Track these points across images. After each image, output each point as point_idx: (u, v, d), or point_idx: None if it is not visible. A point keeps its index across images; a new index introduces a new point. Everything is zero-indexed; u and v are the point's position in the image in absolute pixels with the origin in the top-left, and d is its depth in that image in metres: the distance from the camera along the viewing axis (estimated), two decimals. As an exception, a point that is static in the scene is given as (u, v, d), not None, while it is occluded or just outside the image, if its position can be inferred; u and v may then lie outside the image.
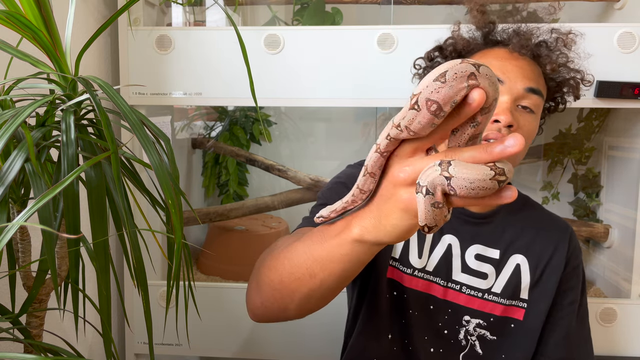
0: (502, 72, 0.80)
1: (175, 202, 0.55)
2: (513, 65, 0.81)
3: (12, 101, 0.64)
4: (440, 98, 0.42)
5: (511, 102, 0.78)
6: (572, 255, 0.88)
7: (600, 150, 1.36)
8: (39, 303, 0.63)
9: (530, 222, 0.89)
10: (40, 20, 0.57)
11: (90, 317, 0.83)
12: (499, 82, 0.79)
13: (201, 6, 1.37)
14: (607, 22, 1.25)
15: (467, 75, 0.41)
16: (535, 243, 0.87)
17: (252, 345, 1.22)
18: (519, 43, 0.83)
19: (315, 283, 0.59)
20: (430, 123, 0.43)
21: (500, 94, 0.79)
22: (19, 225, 0.58)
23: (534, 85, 0.80)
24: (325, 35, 1.11)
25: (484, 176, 0.41)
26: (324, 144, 1.58)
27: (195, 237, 1.56)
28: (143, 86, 1.13)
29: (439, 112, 0.42)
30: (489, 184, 0.42)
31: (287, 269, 0.61)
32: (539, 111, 0.82)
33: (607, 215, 1.32)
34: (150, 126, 0.61)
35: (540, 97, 0.81)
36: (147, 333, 0.61)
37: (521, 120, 0.79)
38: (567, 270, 0.87)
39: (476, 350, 0.85)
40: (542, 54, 0.84)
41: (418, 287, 0.85)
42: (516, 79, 0.79)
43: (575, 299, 0.88)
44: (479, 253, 0.86)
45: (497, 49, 0.85)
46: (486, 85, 0.42)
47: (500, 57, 0.82)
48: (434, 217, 0.45)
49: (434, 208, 0.44)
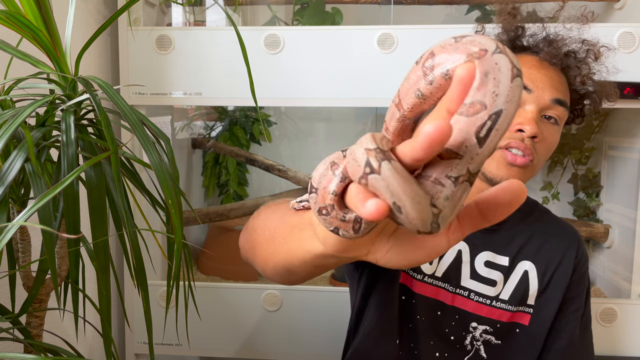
0: (530, 80, 0.78)
1: (175, 202, 0.55)
2: (542, 75, 0.79)
3: (12, 101, 0.64)
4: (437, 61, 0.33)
5: (537, 112, 0.77)
6: (579, 262, 0.87)
7: (600, 150, 1.36)
8: (39, 303, 0.63)
9: (539, 228, 0.88)
10: (40, 20, 0.57)
11: (90, 317, 0.83)
12: (525, 89, 0.77)
13: (201, 6, 1.36)
14: (607, 22, 1.25)
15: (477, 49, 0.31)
16: (544, 249, 0.86)
17: (252, 345, 1.22)
18: (549, 53, 0.81)
19: (272, 247, 0.56)
20: (415, 88, 0.34)
21: (527, 102, 0.77)
22: (19, 225, 0.58)
23: (561, 96, 0.78)
24: (325, 35, 1.11)
25: (365, 142, 0.31)
26: (324, 144, 1.58)
27: (195, 237, 1.56)
28: (143, 86, 1.13)
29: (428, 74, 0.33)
30: (360, 154, 0.31)
31: (264, 220, 0.61)
32: (562, 123, 0.81)
33: (607, 215, 1.32)
34: (150, 126, 0.61)
35: (566, 108, 0.79)
36: (147, 333, 0.61)
37: (545, 132, 0.78)
38: (574, 278, 0.86)
39: (480, 354, 0.85)
40: (571, 65, 0.82)
41: (427, 293, 0.84)
42: (544, 88, 0.77)
43: (580, 306, 0.87)
44: (489, 260, 0.85)
45: (526, 55, 0.83)
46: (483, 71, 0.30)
47: (530, 65, 0.80)
48: (320, 179, 0.36)
49: (329, 169, 0.35)
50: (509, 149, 0.76)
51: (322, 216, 0.36)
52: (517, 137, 0.76)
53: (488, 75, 0.30)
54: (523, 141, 0.75)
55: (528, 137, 0.76)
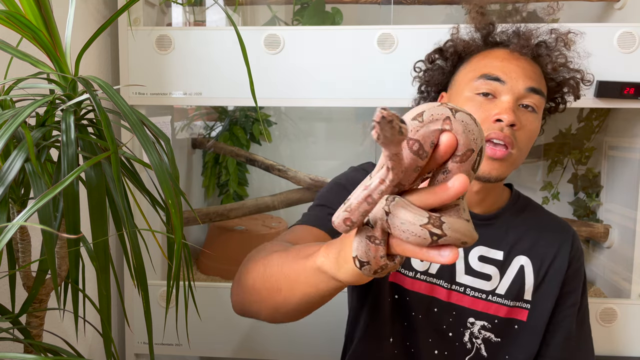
0: (503, 72, 0.80)
1: (175, 202, 0.55)
2: (514, 65, 0.81)
3: (12, 101, 0.64)
4: (420, 137, 0.40)
5: (513, 102, 0.79)
6: (574, 256, 0.88)
7: (600, 150, 1.36)
8: (39, 303, 0.63)
9: (533, 223, 0.89)
10: (40, 20, 0.57)
11: (90, 317, 0.83)
12: (499, 81, 0.80)
13: (201, 6, 1.36)
14: (607, 22, 1.25)
15: (443, 118, 0.41)
16: (539, 245, 0.87)
17: (252, 345, 1.22)
18: (519, 43, 0.83)
19: (280, 298, 0.60)
20: (414, 166, 0.41)
21: (502, 93, 0.79)
22: (19, 225, 0.58)
23: (535, 85, 0.80)
24: (325, 35, 1.11)
25: (415, 219, 0.40)
26: (324, 144, 1.58)
27: (195, 237, 1.56)
28: (143, 86, 1.13)
29: (421, 152, 0.40)
30: (419, 230, 0.39)
31: (261, 277, 0.62)
32: (540, 111, 0.82)
33: (607, 215, 1.32)
34: (150, 126, 0.61)
35: (542, 96, 0.81)
36: (147, 333, 0.61)
37: (523, 120, 0.79)
38: (569, 272, 0.87)
39: (481, 353, 0.85)
40: (542, 54, 0.84)
41: (421, 290, 0.85)
42: (518, 78, 0.80)
43: (576, 300, 0.88)
44: (483, 255, 0.85)
45: (497, 49, 0.85)
46: (459, 130, 0.41)
47: (501, 58, 0.83)
48: (367, 251, 0.44)
49: (369, 242, 0.43)
50: (489, 140, 0.78)
51: (367, 241, 0.44)
52: (497, 128, 0.77)
53: (465, 132, 0.41)
54: (502, 131, 0.77)
55: (507, 126, 0.77)
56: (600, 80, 1.05)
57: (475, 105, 0.80)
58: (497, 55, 0.83)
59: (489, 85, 0.80)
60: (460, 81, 0.86)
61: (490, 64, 0.82)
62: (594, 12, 1.30)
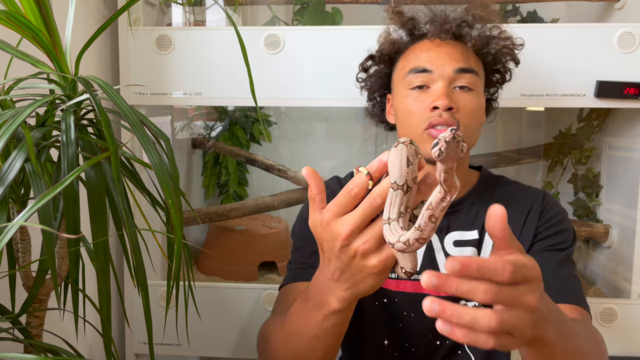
0: (428, 62, 0.83)
1: (175, 202, 0.55)
2: (438, 52, 0.83)
3: (12, 101, 0.64)
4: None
5: (446, 87, 0.81)
6: (544, 210, 0.87)
7: (600, 150, 1.36)
8: (39, 303, 0.63)
9: (501, 196, 0.89)
10: (40, 20, 0.57)
11: (90, 317, 0.83)
12: (427, 72, 0.82)
13: (201, 6, 1.36)
14: (607, 22, 1.25)
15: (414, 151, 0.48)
16: (509, 212, 0.86)
17: (252, 345, 1.21)
18: (436, 30, 0.85)
19: (319, 353, 0.65)
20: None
21: (433, 82, 0.82)
22: (19, 225, 0.58)
23: (463, 65, 0.82)
24: (325, 35, 1.11)
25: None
26: (324, 144, 1.58)
27: (195, 237, 1.56)
28: (143, 86, 1.13)
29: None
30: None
31: (292, 356, 0.68)
32: (478, 87, 0.84)
33: (607, 215, 1.32)
34: (150, 126, 0.61)
35: (474, 74, 0.83)
36: (147, 333, 0.61)
37: (460, 101, 0.81)
38: (540, 224, 0.86)
39: None
40: (463, 33, 0.85)
41: (407, 289, 0.85)
42: (444, 64, 0.82)
43: (548, 246, 0.85)
44: (457, 239, 0.86)
45: (421, 41, 0.87)
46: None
47: (425, 49, 0.85)
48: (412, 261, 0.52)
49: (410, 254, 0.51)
50: (432, 127, 0.80)
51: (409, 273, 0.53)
52: (435, 114, 0.80)
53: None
54: (441, 116, 0.79)
55: (444, 111, 0.79)
56: (600, 80, 1.05)
57: (412, 100, 0.83)
58: (422, 47, 0.86)
59: (419, 77, 0.83)
60: (396, 81, 0.89)
61: (416, 58, 0.85)
62: (594, 12, 1.30)
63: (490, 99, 0.95)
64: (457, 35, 0.85)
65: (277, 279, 1.36)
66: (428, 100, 0.81)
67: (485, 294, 0.43)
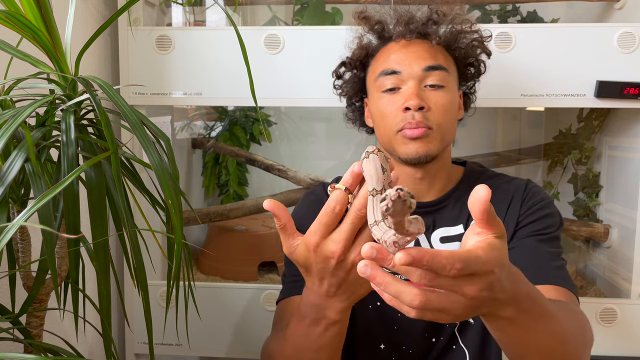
0: (396, 63, 0.83)
1: (175, 202, 0.55)
2: (404, 53, 0.83)
3: (12, 101, 0.64)
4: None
5: (415, 86, 0.81)
6: (526, 197, 0.86)
7: (600, 150, 1.36)
8: (39, 303, 0.63)
9: None
10: (40, 20, 0.57)
11: (90, 317, 0.83)
12: (396, 73, 0.82)
13: (201, 6, 1.36)
14: (607, 22, 1.25)
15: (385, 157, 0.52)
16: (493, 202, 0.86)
17: (252, 345, 1.22)
18: (402, 31, 0.85)
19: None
20: None
21: (403, 83, 0.82)
22: (19, 225, 0.58)
23: (431, 62, 0.82)
24: (325, 35, 1.11)
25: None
26: (324, 144, 1.58)
27: (195, 237, 1.56)
28: (143, 86, 1.13)
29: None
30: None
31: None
32: (449, 84, 0.83)
33: (607, 215, 1.32)
34: (150, 126, 0.61)
35: (444, 71, 0.83)
36: (147, 333, 0.61)
37: (432, 99, 0.81)
38: (522, 211, 0.85)
39: (469, 321, 0.85)
40: (429, 31, 0.85)
41: None
42: (411, 64, 0.82)
43: (530, 232, 0.84)
44: (443, 235, 0.86)
45: (389, 44, 0.87)
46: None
47: (393, 50, 0.85)
48: None
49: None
50: (403, 130, 0.80)
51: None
52: (409, 117, 0.79)
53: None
54: (414, 118, 0.79)
55: (416, 111, 0.79)
56: (600, 80, 1.05)
57: (385, 102, 0.83)
58: (390, 49, 0.86)
59: (389, 79, 0.83)
60: (369, 84, 0.89)
61: (385, 60, 0.85)
62: (594, 12, 1.30)
63: (468, 92, 0.95)
64: (423, 33, 0.85)
65: (277, 279, 1.36)
66: (400, 102, 0.81)
67: (420, 277, 0.44)
